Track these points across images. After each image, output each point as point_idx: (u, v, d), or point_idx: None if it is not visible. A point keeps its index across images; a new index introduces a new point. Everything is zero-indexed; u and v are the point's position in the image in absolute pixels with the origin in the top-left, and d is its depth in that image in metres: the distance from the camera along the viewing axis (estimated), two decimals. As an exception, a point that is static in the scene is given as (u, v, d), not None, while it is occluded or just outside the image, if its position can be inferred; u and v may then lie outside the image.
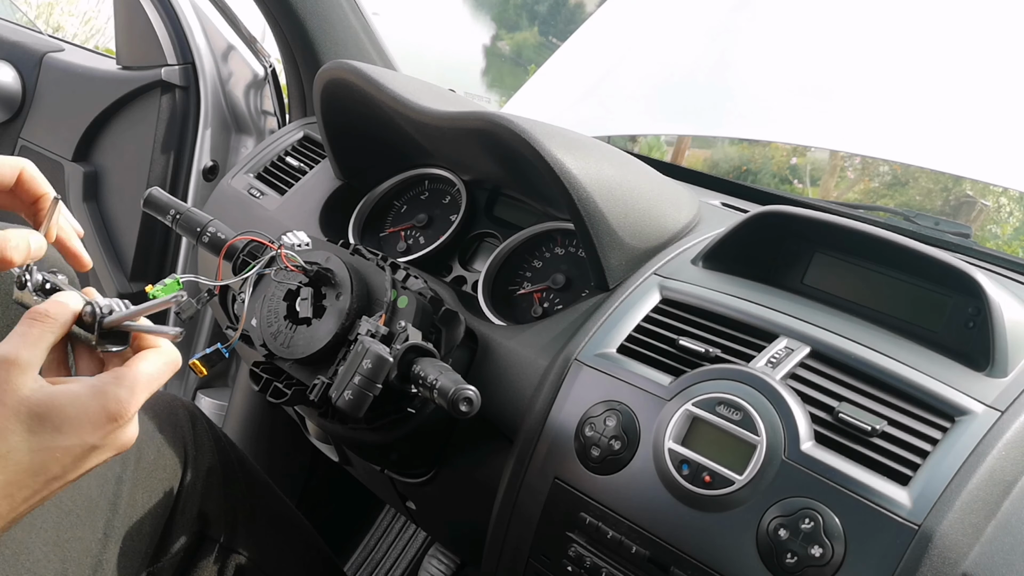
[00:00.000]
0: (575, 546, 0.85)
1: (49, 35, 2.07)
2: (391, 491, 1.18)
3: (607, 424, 0.83)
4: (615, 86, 1.86)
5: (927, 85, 1.50)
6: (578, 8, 9.24)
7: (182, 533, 0.97)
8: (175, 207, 0.99)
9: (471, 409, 0.77)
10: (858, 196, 4.48)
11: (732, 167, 4.56)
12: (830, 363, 0.80)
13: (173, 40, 1.72)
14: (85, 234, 0.73)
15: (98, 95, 1.82)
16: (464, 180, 1.24)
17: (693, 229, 1.06)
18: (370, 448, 1.02)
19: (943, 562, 0.66)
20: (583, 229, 0.96)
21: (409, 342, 0.84)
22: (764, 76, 1.68)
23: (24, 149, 1.95)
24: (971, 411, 0.73)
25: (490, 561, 0.95)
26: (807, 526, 0.70)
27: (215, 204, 1.50)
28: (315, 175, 1.39)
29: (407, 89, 1.10)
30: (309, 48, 1.55)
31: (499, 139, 0.99)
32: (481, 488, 0.96)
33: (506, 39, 10.10)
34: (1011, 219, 3.79)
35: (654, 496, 0.78)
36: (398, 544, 1.64)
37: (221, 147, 1.79)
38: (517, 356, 0.96)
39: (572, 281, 1.09)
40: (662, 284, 0.94)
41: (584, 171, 0.95)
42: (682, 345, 0.85)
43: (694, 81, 1.77)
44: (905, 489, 0.69)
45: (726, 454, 0.76)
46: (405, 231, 1.27)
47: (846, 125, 1.59)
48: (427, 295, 0.94)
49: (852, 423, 0.74)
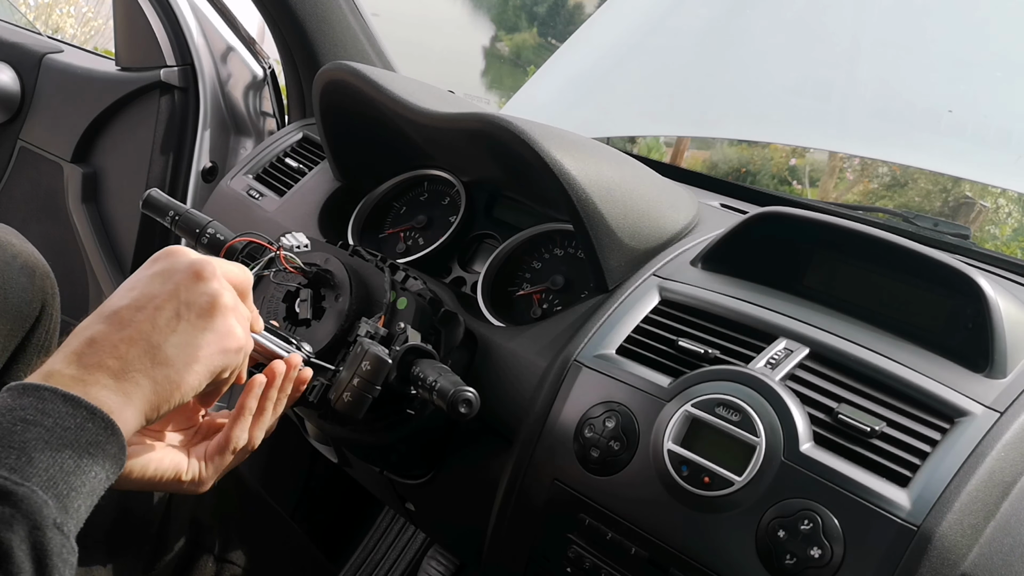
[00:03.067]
0: (574, 547, 0.85)
1: (48, 36, 2.07)
2: (390, 492, 1.17)
3: (606, 425, 0.83)
4: (614, 87, 1.86)
5: (926, 85, 1.50)
6: (577, 9, 9.25)
7: (176, 540, 0.96)
8: (174, 208, 0.99)
9: (470, 411, 0.77)
10: (857, 197, 4.48)
11: (731, 168, 4.56)
12: (829, 364, 0.80)
13: (172, 41, 1.71)
14: (84, 235, 0.74)
15: (97, 96, 1.81)
16: (463, 181, 1.24)
17: (692, 230, 1.06)
18: (369, 449, 1.02)
19: (942, 563, 0.66)
20: (582, 230, 0.96)
21: (408, 343, 0.84)
22: (763, 77, 1.68)
23: (23, 150, 1.95)
24: (970, 412, 0.73)
25: (489, 562, 0.95)
26: (806, 527, 0.70)
27: (214, 205, 1.50)
28: (314, 176, 1.39)
29: (406, 90, 1.10)
30: (308, 49, 1.55)
31: (498, 140, 0.99)
32: (480, 489, 0.96)
33: (505, 40, 10.11)
34: (1010, 220, 3.79)
35: (653, 497, 0.78)
36: (397, 545, 1.64)
37: (220, 148, 1.78)
38: (516, 357, 0.96)
39: (571, 282, 1.09)
40: (661, 285, 0.94)
41: (583, 172, 0.95)
42: (681, 346, 0.85)
43: (693, 82, 1.77)
44: (904, 490, 0.69)
45: (725, 455, 0.76)
46: (404, 232, 1.27)
47: (845, 126, 1.59)
48: (426, 296, 0.94)
49: (851, 424, 0.74)
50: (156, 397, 0.58)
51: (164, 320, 0.60)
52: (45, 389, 0.53)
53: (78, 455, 0.52)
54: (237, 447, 0.70)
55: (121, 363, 0.57)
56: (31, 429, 0.51)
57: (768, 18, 1.77)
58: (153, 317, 0.59)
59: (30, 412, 0.52)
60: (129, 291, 0.62)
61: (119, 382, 0.56)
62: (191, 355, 0.60)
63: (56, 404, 0.52)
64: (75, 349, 0.57)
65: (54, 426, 0.51)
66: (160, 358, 0.58)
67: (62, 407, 0.52)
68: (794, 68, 1.68)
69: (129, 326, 0.59)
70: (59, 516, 0.49)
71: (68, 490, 0.51)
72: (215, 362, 0.62)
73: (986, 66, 1.45)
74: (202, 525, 0.99)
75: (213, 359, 0.62)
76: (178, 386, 0.59)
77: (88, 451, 0.52)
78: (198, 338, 0.61)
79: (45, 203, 1.91)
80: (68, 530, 0.50)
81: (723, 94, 1.71)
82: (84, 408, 0.53)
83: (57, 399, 0.53)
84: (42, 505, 0.48)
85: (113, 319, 0.59)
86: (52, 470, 0.50)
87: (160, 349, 0.59)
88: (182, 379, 0.59)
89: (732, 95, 1.70)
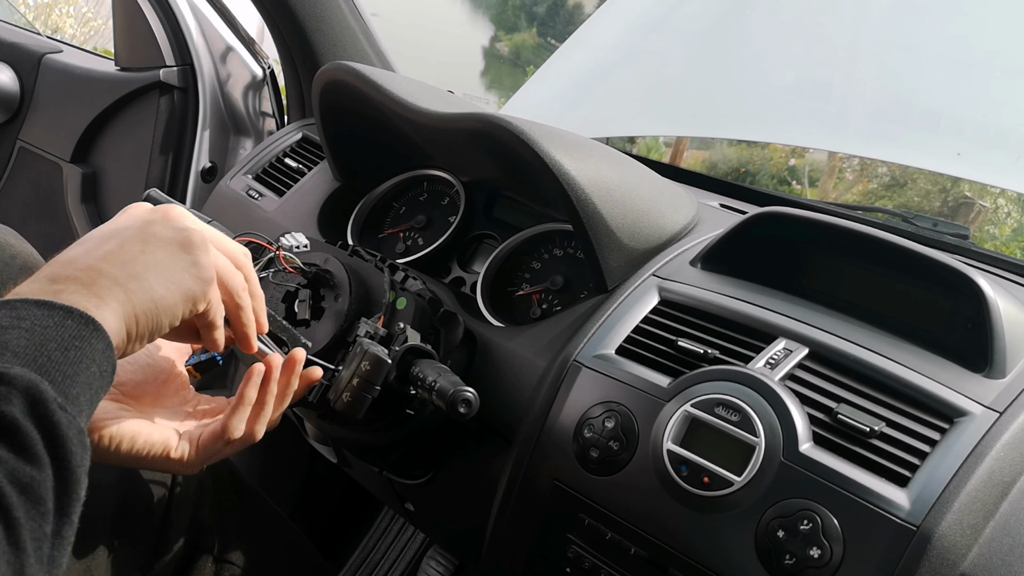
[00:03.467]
0: (574, 547, 0.84)
1: (48, 36, 2.07)
2: (390, 492, 1.17)
3: (606, 425, 0.83)
4: (613, 87, 1.86)
5: (926, 86, 1.50)
6: (576, 10, 9.25)
7: (176, 540, 0.96)
8: (173, 208, 0.99)
9: (470, 411, 0.77)
10: (856, 197, 4.49)
11: (731, 168, 4.56)
12: (829, 364, 0.80)
13: (172, 41, 1.71)
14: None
15: (97, 96, 1.81)
16: (463, 181, 1.24)
17: (692, 230, 1.06)
18: (368, 449, 1.02)
19: (941, 563, 0.66)
20: (582, 230, 0.96)
21: (408, 343, 0.84)
22: (762, 77, 1.68)
23: (23, 150, 1.95)
24: (969, 412, 0.73)
25: (489, 563, 0.95)
26: (806, 527, 0.70)
27: (213, 205, 1.50)
28: (313, 176, 1.39)
29: (406, 90, 1.10)
30: (308, 49, 1.55)
31: (497, 140, 0.99)
32: (480, 489, 0.96)
33: (504, 40, 10.10)
34: (1009, 220, 3.79)
35: (653, 497, 0.78)
36: (397, 545, 1.64)
37: (220, 148, 1.78)
38: (516, 357, 0.96)
39: (571, 282, 1.09)
40: (661, 285, 0.94)
41: (582, 172, 0.95)
42: (681, 346, 0.85)
43: (693, 82, 1.77)
44: (904, 490, 0.69)
45: (725, 455, 0.76)
46: (404, 232, 1.27)
47: (844, 126, 1.59)
48: (426, 296, 0.94)
49: (851, 424, 0.74)
50: (132, 306, 0.57)
51: (133, 243, 0.60)
52: (17, 300, 0.52)
53: (64, 348, 0.50)
54: (232, 437, 0.70)
55: (92, 274, 0.56)
56: (8, 332, 0.49)
57: (768, 18, 1.77)
58: (122, 242, 0.60)
59: (4, 320, 0.50)
60: (98, 230, 0.62)
61: (90, 288, 0.55)
62: (162, 274, 0.60)
63: (30, 309, 0.51)
64: (44, 273, 0.57)
65: (32, 327, 0.50)
66: (131, 271, 0.58)
67: (36, 311, 0.51)
68: (793, 68, 1.68)
69: (99, 248, 0.59)
70: (60, 398, 0.48)
71: (63, 377, 0.49)
72: (188, 285, 0.61)
73: (985, 66, 1.45)
74: (202, 525, 0.99)
75: (186, 281, 0.61)
76: (152, 299, 0.59)
77: (74, 344, 0.51)
78: (170, 260, 0.61)
79: (44, 203, 1.91)
80: (74, 412, 0.49)
81: (722, 94, 1.71)
82: (59, 309, 0.52)
83: (30, 305, 0.51)
84: (38, 382, 0.47)
85: (81, 244, 0.60)
86: (40, 359, 0.48)
87: (130, 263, 0.58)
88: (155, 292, 0.59)
89: (731, 95, 1.70)
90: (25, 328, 0.50)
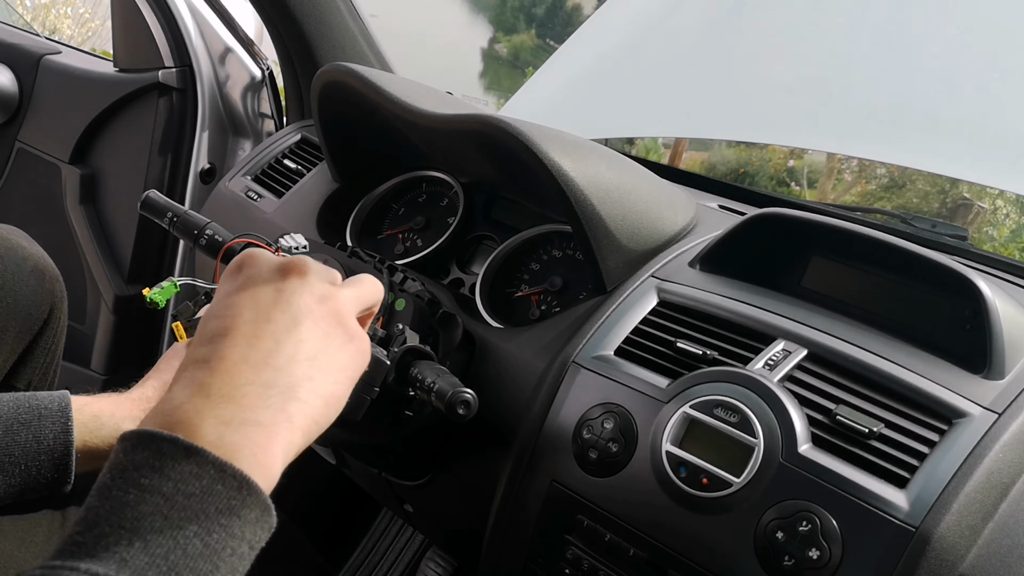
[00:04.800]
0: (573, 549, 0.84)
1: (46, 37, 2.06)
2: (388, 494, 1.17)
3: (605, 426, 0.83)
4: (612, 88, 1.86)
5: (924, 87, 1.50)
6: (575, 11, 9.27)
7: None
8: (172, 210, 0.99)
9: (468, 412, 0.77)
10: (855, 198, 4.49)
11: (729, 169, 4.57)
12: (827, 365, 0.80)
13: (170, 43, 1.71)
14: (82, 237, 0.73)
15: (95, 98, 1.81)
16: (462, 182, 1.24)
17: (690, 231, 1.06)
18: (367, 451, 1.02)
19: (940, 564, 0.66)
20: (580, 232, 0.96)
21: (407, 345, 0.84)
22: (761, 78, 1.68)
23: (21, 152, 1.95)
24: (968, 413, 0.73)
25: (488, 564, 0.95)
26: (804, 528, 0.70)
27: (212, 207, 1.50)
28: (312, 177, 1.39)
29: (404, 91, 1.10)
30: (306, 50, 1.55)
31: (496, 141, 0.99)
32: (479, 491, 0.96)
33: (503, 41, 10.12)
34: (1007, 221, 3.80)
35: (652, 498, 0.78)
36: (395, 547, 1.64)
37: (218, 149, 1.78)
38: (515, 358, 0.96)
39: (570, 283, 1.09)
40: (659, 286, 0.94)
41: (581, 173, 0.95)
42: (679, 347, 0.85)
43: (691, 83, 1.77)
44: (902, 491, 0.69)
45: (723, 456, 0.76)
46: (403, 233, 1.27)
47: (843, 127, 1.59)
48: (424, 297, 0.94)
49: (849, 425, 0.74)
50: (301, 428, 0.47)
51: (287, 332, 0.49)
52: (163, 439, 0.42)
53: (206, 532, 0.41)
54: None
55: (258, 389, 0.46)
56: (145, 502, 0.41)
57: (766, 19, 1.77)
58: (275, 331, 0.49)
59: (144, 476, 0.41)
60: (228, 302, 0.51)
61: (255, 413, 0.45)
62: (325, 362, 0.50)
63: (178, 463, 0.42)
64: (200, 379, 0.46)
65: (174, 494, 0.41)
66: (296, 375, 0.48)
67: (184, 466, 0.42)
68: (792, 69, 1.68)
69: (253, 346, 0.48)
70: None
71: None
72: (352, 367, 0.52)
73: (984, 67, 1.45)
74: None
75: (349, 364, 0.52)
76: (325, 402, 0.49)
77: (219, 522, 0.42)
78: (327, 342, 0.50)
79: (43, 204, 1.90)
80: None
81: (721, 95, 1.71)
82: (211, 465, 0.42)
83: (179, 454, 0.42)
84: None
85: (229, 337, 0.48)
86: (173, 557, 0.40)
87: (293, 363, 0.48)
88: (325, 390, 0.49)
89: (730, 96, 1.70)
90: (165, 495, 0.41)
